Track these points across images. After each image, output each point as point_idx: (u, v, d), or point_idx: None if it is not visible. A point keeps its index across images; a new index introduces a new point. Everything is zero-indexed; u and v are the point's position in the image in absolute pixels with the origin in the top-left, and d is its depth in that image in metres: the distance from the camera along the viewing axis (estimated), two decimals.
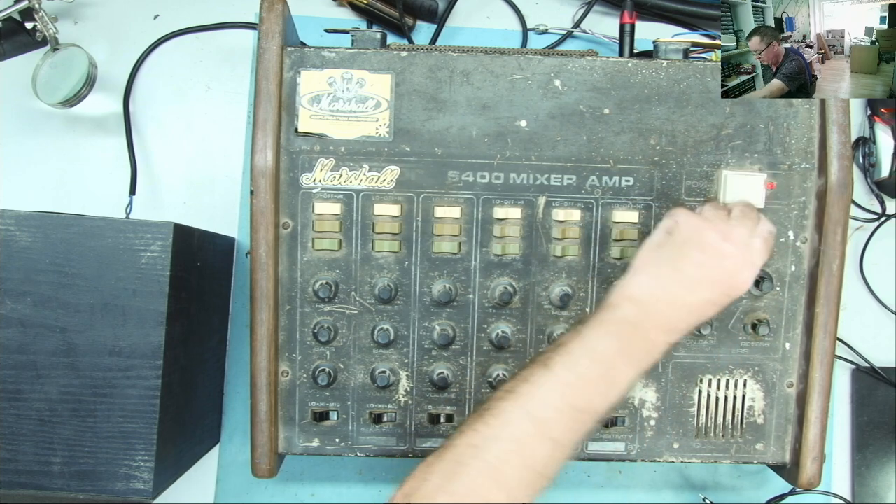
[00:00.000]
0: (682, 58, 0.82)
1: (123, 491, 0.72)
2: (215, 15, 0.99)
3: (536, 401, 0.61)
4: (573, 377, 0.62)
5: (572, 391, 0.61)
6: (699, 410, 0.82)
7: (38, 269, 0.71)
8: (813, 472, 0.80)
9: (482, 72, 0.78)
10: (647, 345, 0.64)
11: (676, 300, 0.65)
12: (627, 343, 0.63)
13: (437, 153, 0.78)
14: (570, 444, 0.62)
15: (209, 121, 0.99)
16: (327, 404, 0.81)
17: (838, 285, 0.79)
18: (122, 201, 0.95)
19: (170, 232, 0.72)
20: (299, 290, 0.79)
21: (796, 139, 0.80)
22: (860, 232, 1.02)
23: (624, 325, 0.64)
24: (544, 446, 0.60)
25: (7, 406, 0.71)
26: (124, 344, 0.72)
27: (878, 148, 1.00)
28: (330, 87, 0.78)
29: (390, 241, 0.79)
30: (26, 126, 0.97)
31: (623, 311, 0.64)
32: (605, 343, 0.63)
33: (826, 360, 0.79)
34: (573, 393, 0.61)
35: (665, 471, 0.99)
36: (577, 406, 0.61)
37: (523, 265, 0.80)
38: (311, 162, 0.78)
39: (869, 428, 1.00)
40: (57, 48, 0.94)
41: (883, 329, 1.01)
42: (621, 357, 0.63)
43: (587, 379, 0.62)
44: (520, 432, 0.60)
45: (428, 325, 0.80)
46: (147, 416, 0.72)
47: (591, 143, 0.79)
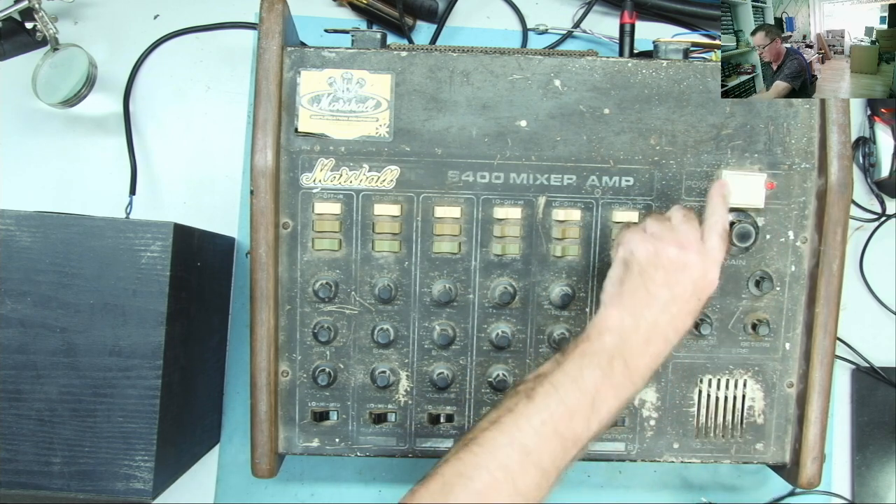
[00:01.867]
0: (682, 58, 0.82)
1: (123, 491, 0.72)
2: (215, 15, 0.99)
3: (523, 431, 0.61)
4: (558, 407, 0.62)
5: (558, 421, 0.62)
6: (699, 410, 0.82)
7: (38, 269, 0.71)
8: (813, 472, 0.80)
9: (482, 72, 0.78)
10: (630, 373, 0.64)
11: (652, 325, 0.65)
12: (610, 372, 0.64)
13: (437, 153, 0.78)
14: (556, 472, 0.62)
15: (209, 121, 0.99)
16: (327, 404, 0.81)
17: (838, 285, 0.79)
18: (122, 201, 0.95)
19: (170, 232, 0.72)
20: (299, 290, 0.79)
21: (796, 139, 0.80)
22: (860, 232, 1.02)
23: (605, 356, 0.64)
24: (532, 475, 0.61)
25: (7, 406, 0.71)
26: (124, 344, 0.72)
27: (878, 148, 1.00)
28: (330, 87, 0.78)
29: (390, 241, 0.79)
30: (26, 126, 0.97)
31: (603, 341, 0.65)
32: (588, 373, 0.63)
33: (826, 360, 0.79)
34: (559, 422, 0.62)
35: (665, 471, 0.98)
36: (562, 435, 0.62)
37: (523, 265, 0.80)
38: (311, 162, 0.78)
39: (869, 428, 1.00)
40: (57, 48, 0.94)
41: (883, 329, 1.01)
42: (605, 387, 0.63)
43: (572, 409, 0.62)
44: (507, 461, 0.60)
45: (428, 325, 0.80)
46: (147, 416, 0.72)
47: (591, 143, 0.79)
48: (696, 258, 0.66)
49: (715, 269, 0.67)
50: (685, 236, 0.67)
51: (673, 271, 0.66)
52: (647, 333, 0.65)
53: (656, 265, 0.66)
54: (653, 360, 0.65)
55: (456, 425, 0.81)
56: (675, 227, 0.68)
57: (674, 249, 0.66)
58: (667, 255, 0.66)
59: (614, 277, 0.68)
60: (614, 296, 0.67)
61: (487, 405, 0.81)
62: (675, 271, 0.66)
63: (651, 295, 0.66)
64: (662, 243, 0.67)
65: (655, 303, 0.65)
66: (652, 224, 0.69)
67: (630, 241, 0.68)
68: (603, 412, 0.63)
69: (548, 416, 0.62)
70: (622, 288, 0.67)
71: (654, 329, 0.65)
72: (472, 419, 0.81)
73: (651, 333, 0.65)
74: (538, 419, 0.62)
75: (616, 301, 0.67)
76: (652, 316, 0.65)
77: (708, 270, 0.67)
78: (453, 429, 0.81)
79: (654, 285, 0.66)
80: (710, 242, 0.68)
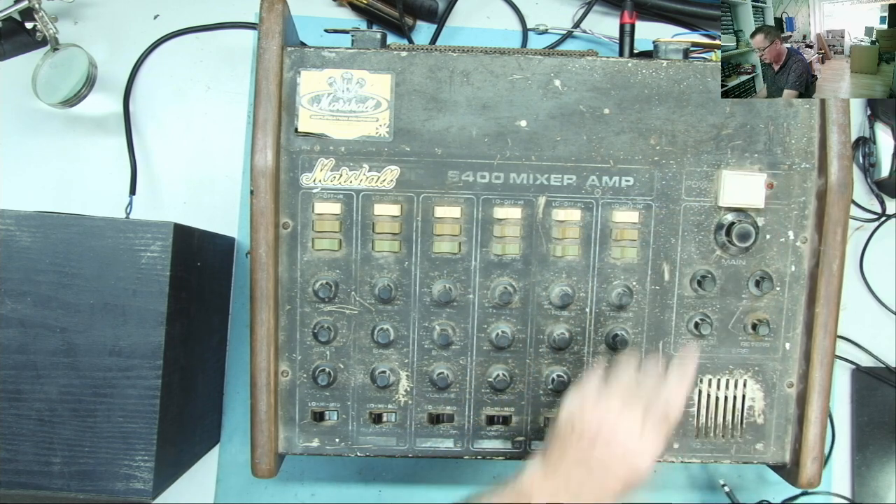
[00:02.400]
0: (682, 58, 0.82)
1: (123, 491, 0.72)
2: (215, 15, 0.99)
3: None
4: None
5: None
6: (699, 410, 0.82)
7: (38, 269, 0.71)
8: (813, 472, 0.80)
9: (482, 72, 0.78)
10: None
11: (569, 491, 0.65)
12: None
13: (437, 153, 0.78)
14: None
15: (209, 121, 0.99)
16: (327, 404, 0.81)
17: (838, 285, 0.79)
18: (122, 201, 0.95)
19: (170, 232, 0.72)
20: (299, 290, 0.79)
21: (796, 139, 0.80)
22: (860, 232, 1.02)
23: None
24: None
25: (7, 406, 0.71)
26: (124, 344, 0.72)
27: (878, 148, 1.00)
28: (330, 87, 0.78)
29: (390, 241, 0.79)
30: (26, 126, 0.98)
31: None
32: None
33: (826, 360, 0.79)
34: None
35: (665, 471, 0.98)
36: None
37: (523, 265, 0.80)
38: (311, 162, 0.78)
39: (869, 428, 1.00)
40: (57, 48, 0.94)
41: (883, 329, 1.01)
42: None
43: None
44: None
45: (428, 325, 0.80)
46: (147, 416, 0.72)
47: (591, 143, 0.79)
48: (615, 444, 0.65)
49: (646, 459, 0.66)
50: (609, 417, 0.65)
51: (589, 448, 0.65)
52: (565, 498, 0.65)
53: (574, 437, 0.66)
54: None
55: (456, 425, 0.81)
56: (608, 404, 0.66)
57: (593, 426, 0.65)
58: (585, 430, 0.65)
59: (560, 435, 0.67)
60: (556, 461, 0.66)
61: (487, 405, 0.81)
62: (591, 448, 0.65)
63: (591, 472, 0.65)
64: (584, 417, 0.66)
65: (592, 480, 0.65)
66: (589, 387, 0.68)
67: (578, 410, 0.67)
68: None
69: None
70: (564, 452, 0.66)
71: (572, 495, 0.65)
72: (471, 419, 0.81)
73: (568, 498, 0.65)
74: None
75: (556, 467, 0.66)
76: (587, 493, 0.65)
77: (631, 459, 0.65)
78: (453, 429, 0.81)
79: (595, 462, 0.65)
80: (644, 431, 0.66)
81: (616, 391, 0.67)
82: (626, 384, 0.68)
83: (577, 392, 0.68)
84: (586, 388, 0.68)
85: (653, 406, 0.67)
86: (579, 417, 0.66)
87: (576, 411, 0.67)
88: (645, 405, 0.67)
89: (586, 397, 0.67)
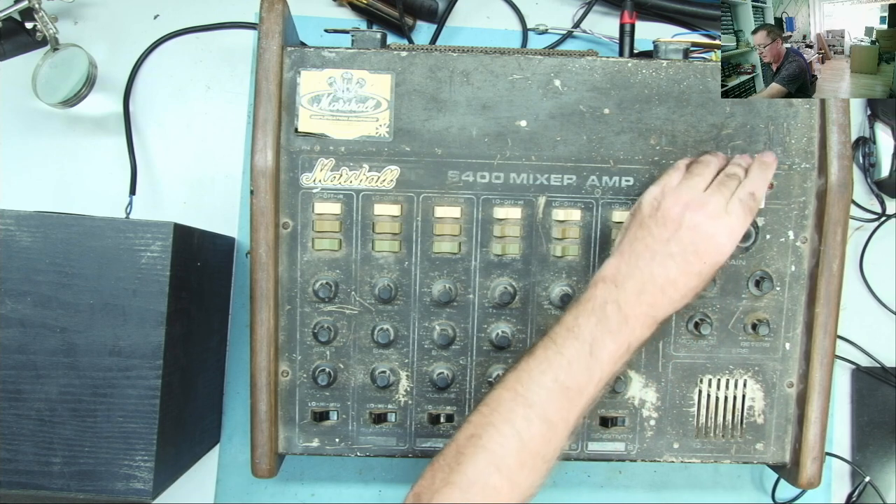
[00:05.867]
0: (682, 58, 0.82)
1: (123, 491, 0.72)
2: (215, 15, 0.99)
3: (525, 384, 0.63)
4: (558, 357, 0.64)
5: (557, 370, 0.64)
6: (699, 410, 0.82)
7: (38, 269, 0.71)
8: (813, 472, 0.80)
9: (482, 72, 0.78)
10: (625, 317, 0.65)
11: (648, 276, 0.66)
12: (604, 317, 0.65)
13: (437, 153, 0.78)
14: (564, 425, 0.64)
15: (209, 121, 0.99)
16: (327, 404, 0.81)
17: (838, 285, 0.79)
18: (122, 201, 0.95)
19: (170, 232, 0.72)
20: (299, 290, 0.79)
21: (796, 139, 0.80)
22: (860, 232, 1.02)
23: (598, 302, 0.66)
24: (539, 427, 0.62)
25: (7, 406, 0.71)
26: (124, 344, 0.72)
27: (878, 148, 1.00)
28: (330, 87, 0.78)
29: (390, 241, 0.79)
30: (26, 126, 0.97)
31: (597, 290, 0.67)
32: (583, 320, 0.65)
33: (826, 360, 0.79)
34: (558, 372, 0.64)
35: (665, 471, 0.99)
36: (565, 384, 0.63)
37: (523, 265, 0.80)
38: (311, 162, 0.78)
39: (869, 428, 1.00)
40: (57, 48, 0.94)
41: (883, 329, 1.01)
42: (601, 332, 0.65)
43: (571, 357, 0.64)
44: (511, 415, 0.62)
45: (428, 325, 0.80)
46: (147, 416, 0.72)
47: (591, 143, 0.79)
48: (701, 219, 0.66)
49: (725, 234, 0.67)
50: (695, 196, 0.67)
51: (674, 229, 0.66)
52: (640, 283, 0.66)
53: (657, 220, 0.67)
54: (650, 309, 0.66)
55: (456, 425, 0.81)
56: (707, 187, 0.68)
57: (678, 208, 0.67)
58: (669, 211, 0.67)
59: (623, 227, 0.71)
60: (617, 245, 0.69)
61: None
62: (676, 229, 0.66)
63: (648, 247, 0.67)
64: (667, 200, 0.68)
65: (651, 255, 0.66)
66: (672, 178, 0.70)
67: (645, 193, 0.70)
68: (603, 358, 0.64)
69: (546, 366, 0.64)
70: (624, 237, 0.69)
71: (651, 280, 0.66)
72: None
73: (646, 284, 0.66)
74: (538, 371, 0.64)
75: (616, 250, 0.69)
76: (647, 267, 0.66)
77: (715, 234, 0.66)
78: (453, 429, 0.81)
79: (651, 238, 0.67)
80: (732, 209, 0.67)
81: (700, 179, 0.69)
82: (709, 174, 0.70)
83: (659, 182, 0.70)
84: (670, 178, 0.70)
85: (738, 191, 0.69)
86: (663, 201, 0.68)
87: (659, 195, 0.69)
88: (730, 189, 0.68)
89: (669, 184, 0.69)
